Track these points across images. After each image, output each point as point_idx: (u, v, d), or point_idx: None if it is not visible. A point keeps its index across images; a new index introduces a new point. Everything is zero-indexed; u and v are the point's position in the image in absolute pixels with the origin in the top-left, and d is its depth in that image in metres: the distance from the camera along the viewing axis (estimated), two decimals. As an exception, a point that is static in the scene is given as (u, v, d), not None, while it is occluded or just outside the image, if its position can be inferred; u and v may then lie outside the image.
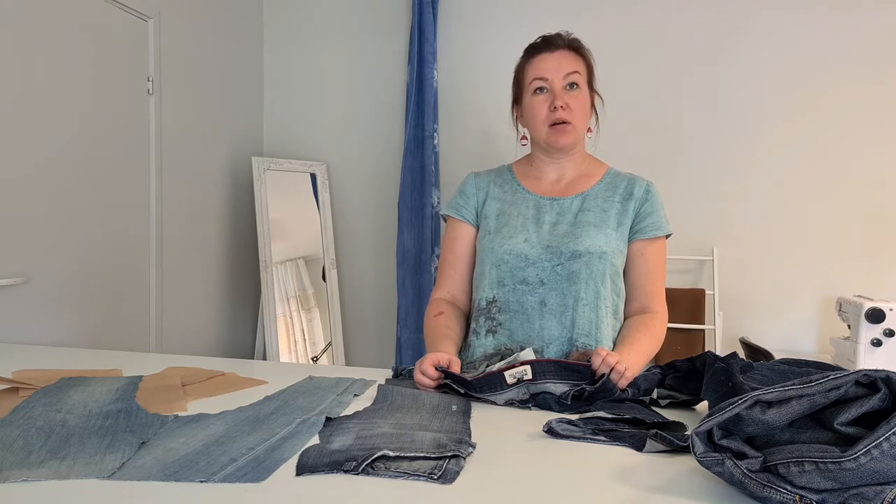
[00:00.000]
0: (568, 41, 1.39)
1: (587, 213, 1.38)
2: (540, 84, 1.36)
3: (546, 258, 1.33)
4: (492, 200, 1.44)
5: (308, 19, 3.30)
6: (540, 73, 1.36)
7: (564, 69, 1.35)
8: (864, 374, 0.69)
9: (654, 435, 0.88)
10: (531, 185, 1.45)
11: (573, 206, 1.39)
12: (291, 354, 2.98)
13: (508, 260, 1.34)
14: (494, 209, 1.42)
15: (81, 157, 2.16)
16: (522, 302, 1.34)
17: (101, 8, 2.24)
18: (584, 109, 1.38)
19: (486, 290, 1.37)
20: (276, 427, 0.94)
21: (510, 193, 1.44)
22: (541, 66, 1.37)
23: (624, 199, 1.41)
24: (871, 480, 0.64)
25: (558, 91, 1.35)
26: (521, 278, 1.33)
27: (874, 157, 2.79)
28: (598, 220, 1.37)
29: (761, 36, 2.86)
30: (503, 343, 1.34)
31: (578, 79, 1.36)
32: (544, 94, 1.36)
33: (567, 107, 1.35)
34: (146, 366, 1.31)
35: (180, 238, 2.67)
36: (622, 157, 3.05)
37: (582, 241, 1.33)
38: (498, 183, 1.46)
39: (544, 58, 1.37)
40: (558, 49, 1.37)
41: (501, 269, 1.35)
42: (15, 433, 0.90)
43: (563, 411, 1.05)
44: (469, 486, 0.76)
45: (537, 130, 1.40)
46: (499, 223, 1.40)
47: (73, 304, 2.13)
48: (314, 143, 3.31)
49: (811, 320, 2.86)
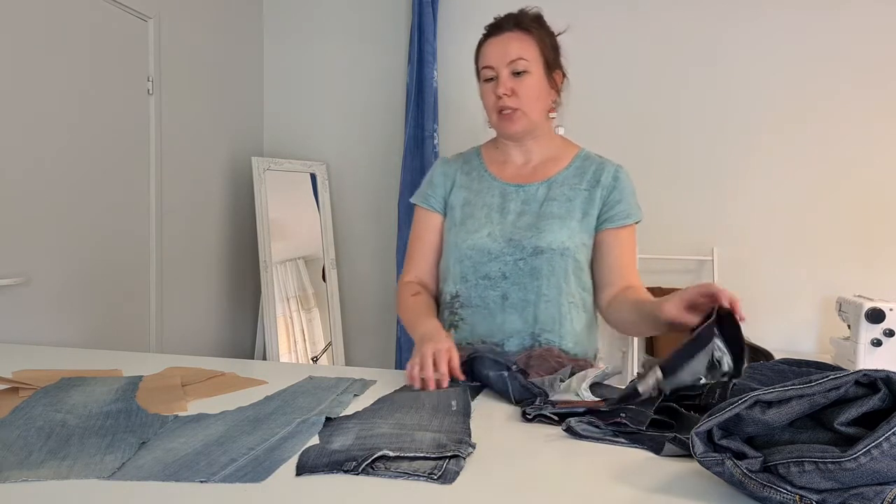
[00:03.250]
0: (516, 21, 1.34)
1: (552, 202, 1.35)
2: (487, 73, 1.34)
3: (508, 252, 1.32)
4: (458, 189, 1.42)
5: (308, 19, 3.30)
6: (487, 61, 1.34)
7: (509, 56, 1.31)
8: (864, 374, 0.68)
9: (672, 439, 0.87)
10: (498, 170, 1.42)
11: (539, 194, 1.37)
12: (291, 354, 2.99)
13: (471, 255, 1.34)
14: (460, 199, 1.41)
15: (81, 157, 2.16)
16: (484, 297, 1.34)
17: (101, 8, 2.24)
18: (532, 94, 1.33)
19: (451, 284, 1.38)
20: (276, 427, 0.93)
21: (476, 181, 1.42)
22: (488, 52, 1.34)
23: (591, 187, 1.37)
24: (871, 480, 0.64)
25: (503, 78, 1.32)
26: (484, 273, 1.33)
27: (874, 157, 2.79)
28: (562, 212, 1.34)
29: (761, 36, 2.86)
30: (464, 338, 1.35)
31: (525, 65, 1.31)
32: (492, 81, 1.33)
33: (513, 93, 1.31)
34: (146, 366, 1.31)
35: (180, 238, 2.67)
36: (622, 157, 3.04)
37: (545, 236, 1.32)
38: (465, 170, 1.44)
39: (491, 43, 1.34)
40: (505, 32, 1.34)
41: (464, 264, 1.35)
42: (15, 433, 0.90)
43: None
44: (469, 487, 0.76)
45: (490, 117, 1.38)
46: (464, 214, 1.39)
47: (73, 304, 2.13)
48: (314, 143, 3.31)
49: (811, 320, 2.86)
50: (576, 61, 3.19)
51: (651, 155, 3.00)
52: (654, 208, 3.01)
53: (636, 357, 2.81)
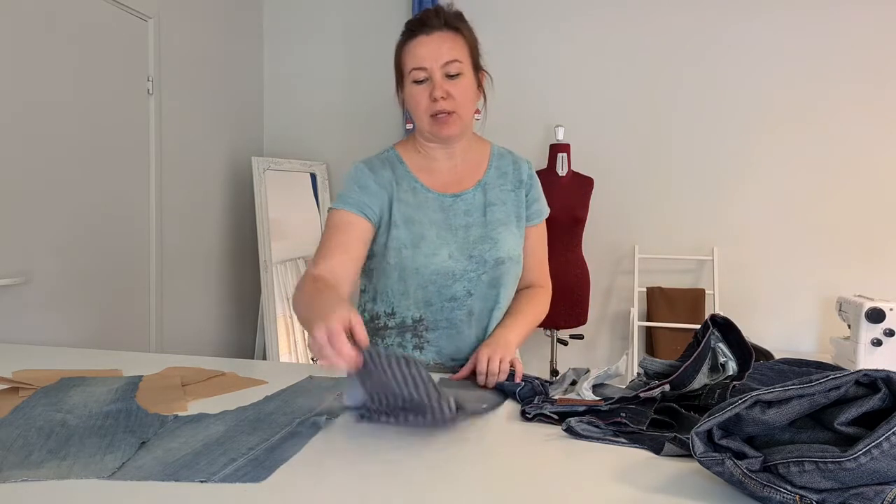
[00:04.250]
0: (445, 19, 1.30)
1: (492, 207, 1.36)
2: (418, 75, 1.28)
3: (471, 268, 1.31)
4: (398, 204, 1.33)
5: (308, 20, 3.30)
6: (418, 63, 1.28)
7: (443, 57, 1.27)
8: (864, 374, 0.68)
9: (672, 439, 0.88)
10: (427, 179, 1.37)
11: (476, 200, 1.36)
12: (291, 354, 2.98)
13: (435, 280, 1.30)
14: (401, 215, 1.32)
15: (81, 157, 2.16)
16: (451, 318, 1.33)
17: (101, 8, 2.24)
18: (466, 96, 1.30)
19: (413, 309, 1.34)
20: (276, 427, 0.94)
21: (411, 194, 1.34)
22: (418, 53, 1.28)
23: (515, 187, 1.40)
24: (871, 480, 0.64)
25: (438, 81, 1.27)
26: (450, 296, 1.31)
27: (874, 157, 2.79)
28: (504, 217, 1.36)
29: (761, 36, 2.86)
30: (432, 359, 1.34)
31: (459, 67, 1.28)
32: (425, 84, 1.29)
33: (448, 95, 1.27)
34: (146, 366, 1.31)
35: (180, 238, 2.67)
36: (623, 157, 3.06)
37: (501, 245, 1.33)
38: (396, 180, 1.35)
39: (421, 42, 1.29)
40: (435, 31, 1.29)
41: (428, 289, 1.31)
42: (15, 433, 0.90)
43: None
44: (469, 486, 0.76)
45: (420, 121, 1.32)
46: (413, 235, 1.31)
47: (74, 304, 2.13)
48: (314, 143, 3.31)
49: (811, 320, 2.86)
50: (576, 61, 3.21)
51: (651, 155, 3.00)
52: (654, 208, 3.03)
53: (636, 357, 2.81)
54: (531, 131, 3.07)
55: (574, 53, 3.06)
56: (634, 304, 2.92)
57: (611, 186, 2.99)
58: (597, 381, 1.13)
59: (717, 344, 1.09)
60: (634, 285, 2.94)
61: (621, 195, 3.02)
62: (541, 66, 3.08)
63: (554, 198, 2.87)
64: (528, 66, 3.08)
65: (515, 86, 3.06)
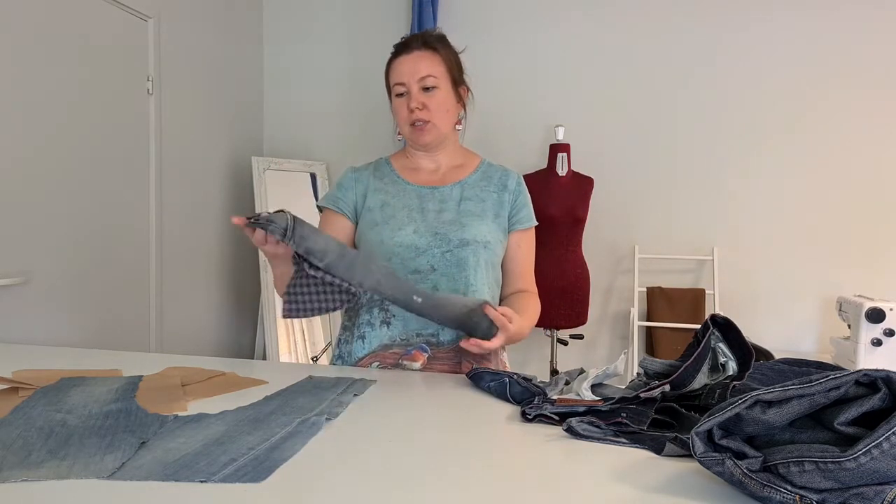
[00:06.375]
0: (424, 40, 1.45)
1: (468, 202, 1.46)
2: (399, 89, 1.44)
3: (435, 245, 1.39)
4: (373, 193, 1.48)
5: (308, 19, 3.30)
6: (398, 78, 1.43)
7: (419, 73, 1.41)
8: (864, 374, 0.68)
9: (673, 439, 0.88)
10: (410, 176, 1.51)
11: (454, 194, 1.47)
12: (291, 354, 2.98)
13: (399, 252, 1.39)
14: (377, 201, 1.47)
15: (81, 157, 2.16)
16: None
17: (101, 8, 2.24)
18: (442, 107, 1.44)
19: None
20: (276, 427, 0.94)
21: (391, 185, 1.49)
22: (399, 70, 1.44)
23: (499, 190, 1.49)
24: (871, 480, 0.64)
25: (414, 93, 1.42)
26: (413, 268, 1.38)
27: (874, 157, 2.79)
28: (478, 210, 1.45)
29: (762, 37, 2.87)
30: (398, 334, 1.39)
31: (434, 81, 1.42)
32: (404, 97, 1.44)
33: (424, 107, 1.41)
34: (146, 366, 1.31)
35: (180, 238, 2.67)
36: (623, 157, 3.06)
37: (468, 229, 1.41)
38: (378, 176, 1.52)
39: (401, 61, 1.44)
40: (413, 51, 1.43)
41: (392, 261, 1.39)
42: (15, 433, 0.90)
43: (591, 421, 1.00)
44: (469, 486, 0.76)
45: (402, 129, 1.47)
46: (385, 215, 1.44)
47: (73, 304, 2.13)
48: (314, 143, 3.31)
49: (811, 320, 2.86)
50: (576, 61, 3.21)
51: (651, 155, 3.00)
52: (654, 208, 3.03)
53: (636, 357, 2.81)
54: (531, 131, 3.07)
55: (574, 53, 3.07)
56: (634, 304, 2.92)
57: (611, 186, 2.99)
58: (595, 381, 1.13)
59: (718, 344, 1.09)
60: (634, 285, 2.94)
61: (621, 195, 3.02)
62: (541, 66, 3.08)
63: (554, 198, 2.88)
64: (528, 66, 3.08)
65: (515, 86, 3.06)
